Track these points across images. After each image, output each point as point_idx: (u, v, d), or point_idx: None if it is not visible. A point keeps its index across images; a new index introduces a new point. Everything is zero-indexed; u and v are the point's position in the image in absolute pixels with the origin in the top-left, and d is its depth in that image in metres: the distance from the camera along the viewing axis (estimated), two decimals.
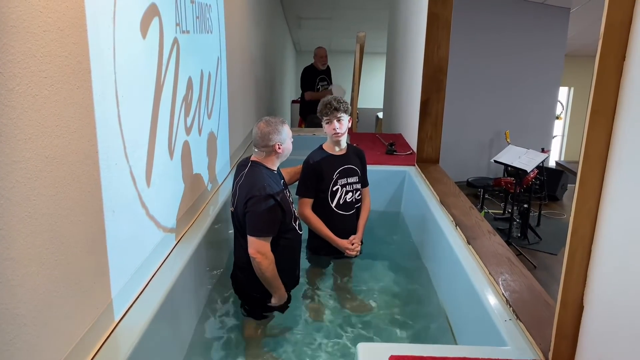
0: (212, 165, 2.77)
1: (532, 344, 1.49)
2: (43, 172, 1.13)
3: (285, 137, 2.15)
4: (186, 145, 2.25)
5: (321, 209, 2.55)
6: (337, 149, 2.58)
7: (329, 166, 2.54)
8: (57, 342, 1.21)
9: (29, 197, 1.07)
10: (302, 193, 2.53)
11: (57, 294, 1.20)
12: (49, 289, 1.16)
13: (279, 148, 2.13)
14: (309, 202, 2.54)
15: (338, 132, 2.48)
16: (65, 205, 1.23)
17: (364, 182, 2.67)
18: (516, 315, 1.62)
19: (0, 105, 0.97)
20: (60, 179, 1.20)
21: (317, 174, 2.52)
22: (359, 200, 2.64)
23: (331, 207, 2.55)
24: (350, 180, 2.58)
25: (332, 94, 4.33)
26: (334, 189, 2.54)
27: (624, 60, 1.13)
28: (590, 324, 1.27)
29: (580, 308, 1.30)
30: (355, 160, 2.63)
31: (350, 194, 2.58)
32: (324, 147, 2.60)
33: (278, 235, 2.11)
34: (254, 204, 2.01)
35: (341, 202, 2.56)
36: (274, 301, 2.16)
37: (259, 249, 2.01)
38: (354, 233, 2.59)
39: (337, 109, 2.45)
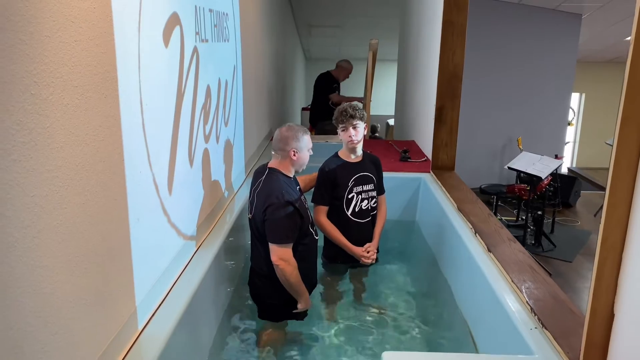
0: (228, 172, 2.78)
1: (560, 353, 1.47)
2: (73, 180, 1.13)
3: (303, 145, 2.14)
4: (205, 153, 2.26)
5: (337, 216, 2.54)
6: (352, 156, 2.58)
7: (345, 174, 2.54)
8: (84, 351, 1.21)
9: (60, 205, 1.08)
10: (317, 200, 2.53)
11: (85, 302, 1.20)
12: (78, 298, 1.17)
13: (294, 155, 2.13)
14: (324, 209, 2.53)
15: (354, 139, 2.48)
16: (94, 214, 1.23)
17: (379, 190, 2.66)
18: (542, 323, 1.60)
19: (35, 114, 0.98)
20: (89, 187, 1.21)
21: (332, 181, 2.51)
22: (374, 208, 2.63)
23: (347, 214, 2.54)
24: (366, 187, 2.58)
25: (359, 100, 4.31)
26: (350, 196, 2.54)
27: None
28: (621, 333, 1.25)
29: (611, 316, 1.28)
30: (371, 167, 2.62)
31: (365, 201, 2.58)
32: (340, 154, 2.60)
33: (296, 241, 2.10)
34: (273, 211, 2.01)
35: (357, 210, 2.56)
36: (299, 307, 2.15)
37: (282, 256, 2.01)
38: (370, 241, 2.58)
39: (352, 116, 2.45)
